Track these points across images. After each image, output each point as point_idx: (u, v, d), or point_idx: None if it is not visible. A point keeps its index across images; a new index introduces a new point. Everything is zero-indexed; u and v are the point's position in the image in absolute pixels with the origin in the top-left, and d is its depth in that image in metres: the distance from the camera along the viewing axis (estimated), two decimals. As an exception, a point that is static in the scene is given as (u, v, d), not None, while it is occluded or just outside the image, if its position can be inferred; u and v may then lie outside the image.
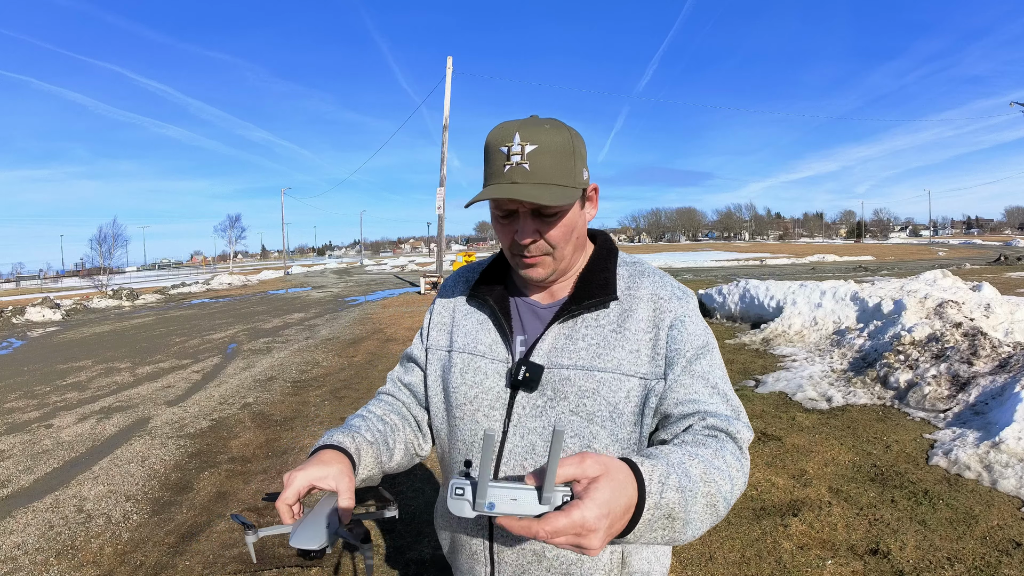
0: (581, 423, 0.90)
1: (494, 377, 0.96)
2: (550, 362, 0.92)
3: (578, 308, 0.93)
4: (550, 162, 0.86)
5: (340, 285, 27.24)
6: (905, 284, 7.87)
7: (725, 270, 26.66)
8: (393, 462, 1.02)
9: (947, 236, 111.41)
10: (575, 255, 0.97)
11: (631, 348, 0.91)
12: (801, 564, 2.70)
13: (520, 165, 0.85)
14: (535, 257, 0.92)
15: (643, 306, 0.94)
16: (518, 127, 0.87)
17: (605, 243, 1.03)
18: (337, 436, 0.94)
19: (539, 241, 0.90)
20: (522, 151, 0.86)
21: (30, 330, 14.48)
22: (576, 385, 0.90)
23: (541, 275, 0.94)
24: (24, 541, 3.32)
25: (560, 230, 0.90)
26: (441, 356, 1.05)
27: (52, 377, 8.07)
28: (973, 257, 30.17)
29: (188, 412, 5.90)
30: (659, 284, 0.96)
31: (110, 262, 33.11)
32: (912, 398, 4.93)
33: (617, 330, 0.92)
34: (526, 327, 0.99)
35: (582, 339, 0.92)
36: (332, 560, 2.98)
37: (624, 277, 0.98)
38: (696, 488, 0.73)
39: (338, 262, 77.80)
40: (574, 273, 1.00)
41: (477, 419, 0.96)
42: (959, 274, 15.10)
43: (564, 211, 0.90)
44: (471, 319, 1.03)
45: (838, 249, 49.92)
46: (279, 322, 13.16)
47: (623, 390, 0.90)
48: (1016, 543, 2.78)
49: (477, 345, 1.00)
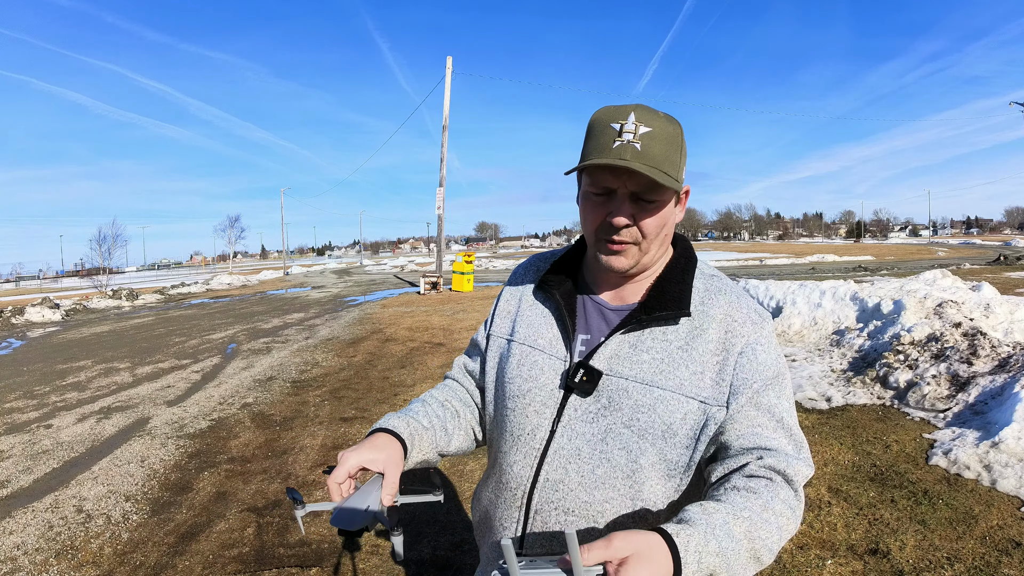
0: (631, 436, 0.88)
1: (550, 374, 0.95)
2: (610, 369, 0.90)
3: (648, 319, 0.90)
4: (661, 148, 0.85)
5: (340, 285, 27.24)
6: (905, 284, 7.88)
7: (725, 270, 26.66)
8: (452, 447, 1.03)
9: (947, 236, 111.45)
10: (659, 252, 0.94)
11: (696, 369, 0.87)
12: (801, 564, 2.70)
13: (631, 144, 0.84)
14: (624, 244, 0.89)
15: (715, 326, 0.90)
16: (633, 108, 0.87)
17: (685, 251, 0.99)
18: (393, 420, 0.96)
19: (632, 227, 0.88)
20: (635, 130, 0.84)
21: (30, 330, 14.47)
22: (633, 398, 0.88)
23: (624, 265, 0.91)
24: (24, 541, 3.32)
25: (656, 220, 0.88)
26: (501, 344, 1.04)
27: (52, 377, 8.07)
28: (973, 257, 30.19)
29: (188, 412, 5.90)
30: (735, 305, 0.92)
31: (110, 262, 33.13)
32: (912, 398, 4.93)
33: (684, 348, 0.89)
34: (591, 327, 0.96)
35: (647, 351, 0.89)
36: (332, 560, 2.98)
37: (700, 291, 0.94)
38: (739, 547, 0.73)
39: (338, 262, 77.80)
40: (650, 276, 0.96)
41: (527, 414, 0.95)
42: (959, 274, 15.11)
43: (663, 202, 0.88)
44: (535, 311, 1.02)
45: (838, 249, 49.96)
46: (279, 322, 13.16)
47: (680, 411, 0.87)
48: (1016, 543, 2.78)
49: (538, 339, 0.98)
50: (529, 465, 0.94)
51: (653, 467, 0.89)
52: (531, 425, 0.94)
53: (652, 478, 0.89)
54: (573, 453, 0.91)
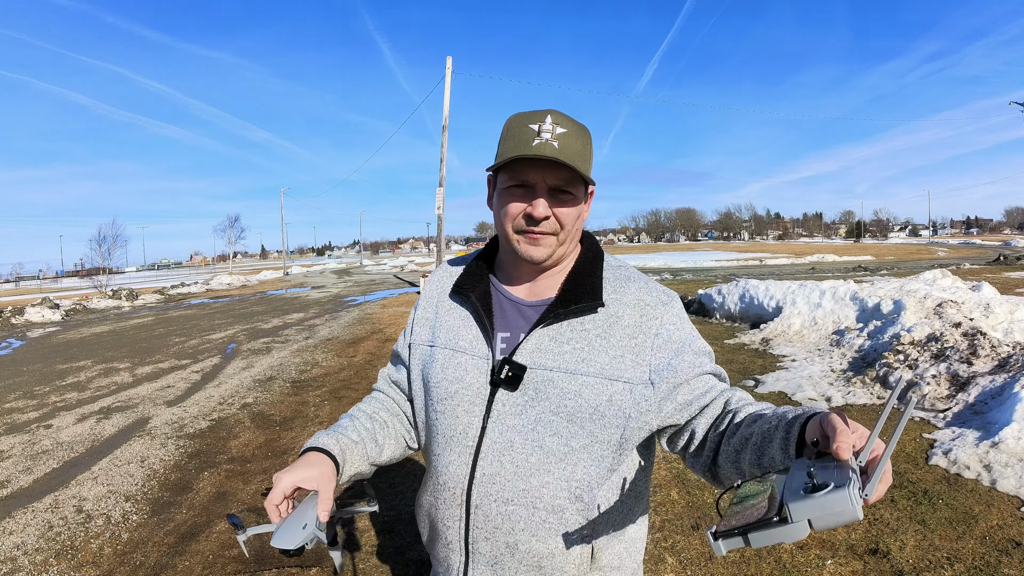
0: (561, 423, 0.93)
1: (475, 373, 0.98)
2: (533, 363, 0.94)
3: (565, 312, 0.95)
4: (576, 147, 0.92)
5: (339, 285, 27.24)
6: (904, 284, 7.88)
7: (725, 270, 26.66)
8: (383, 457, 1.06)
9: (946, 236, 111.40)
10: (571, 246, 1.00)
11: (616, 353, 0.93)
12: (801, 564, 2.70)
13: (550, 142, 0.90)
14: (544, 235, 0.95)
15: (629, 312, 0.96)
16: (548, 112, 0.94)
17: (592, 246, 1.06)
18: (323, 439, 0.99)
19: (551, 219, 0.94)
20: (553, 130, 0.91)
21: (29, 330, 14.47)
22: (559, 387, 0.92)
23: (543, 255, 0.96)
24: (24, 541, 3.32)
25: (572, 212, 0.95)
26: (424, 351, 1.07)
27: (51, 377, 8.07)
28: (972, 257, 30.19)
29: (188, 412, 5.90)
30: (644, 291, 1.00)
31: (109, 262, 33.03)
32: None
33: (603, 335, 0.94)
34: (509, 324, 1.00)
35: (567, 343, 0.94)
36: (332, 561, 2.97)
37: (610, 281, 1.00)
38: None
39: (337, 262, 77.75)
40: (562, 271, 1.02)
41: (457, 414, 0.98)
42: (958, 274, 15.12)
43: (578, 197, 0.96)
44: (453, 315, 1.05)
45: (837, 249, 49.93)
46: (278, 322, 13.16)
47: (606, 394, 0.92)
48: (1016, 543, 2.78)
49: (459, 341, 1.02)
50: (465, 463, 0.97)
51: (585, 449, 0.94)
52: (462, 424, 0.98)
53: (585, 459, 0.94)
54: (506, 446, 0.94)
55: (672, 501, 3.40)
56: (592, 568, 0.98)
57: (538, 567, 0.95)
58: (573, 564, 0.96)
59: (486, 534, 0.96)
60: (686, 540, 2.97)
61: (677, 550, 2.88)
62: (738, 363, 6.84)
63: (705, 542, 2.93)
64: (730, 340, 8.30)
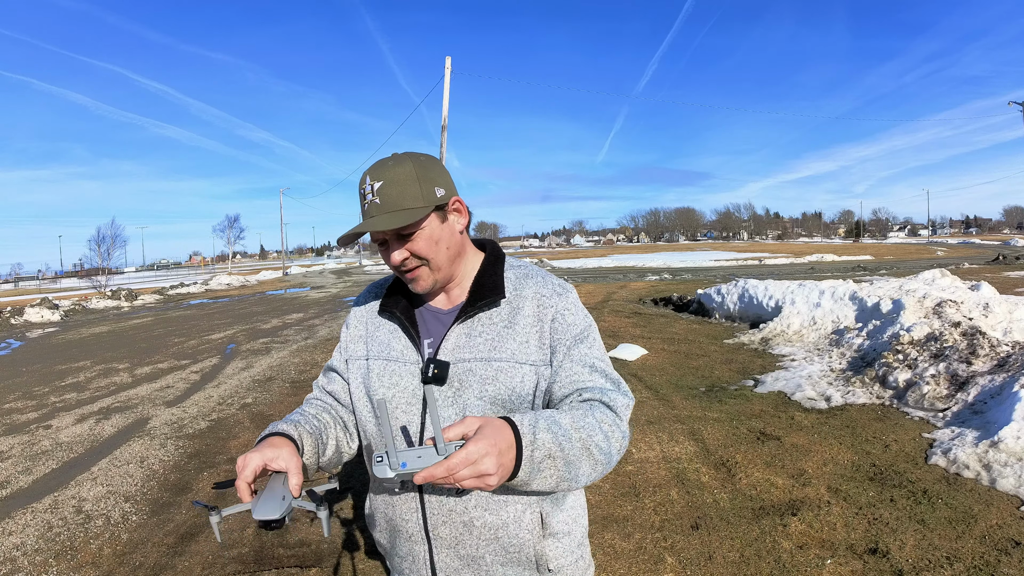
0: (485, 406, 1.03)
1: (408, 378, 1.09)
2: (454, 358, 1.05)
3: (474, 309, 1.07)
4: (396, 191, 1.02)
5: (339, 285, 27.23)
6: (904, 283, 7.88)
7: (724, 270, 26.67)
8: (326, 456, 1.13)
9: (946, 235, 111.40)
10: (455, 264, 1.10)
11: (522, 340, 1.06)
12: (800, 564, 2.70)
13: (372, 201, 1.02)
14: (413, 271, 1.06)
15: (529, 303, 1.08)
16: (369, 170, 1.04)
17: (493, 251, 1.18)
18: (282, 426, 1.05)
19: (409, 257, 1.04)
20: (372, 189, 1.03)
21: (29, 331, 14.46)
22: (478, 374, 1.04)
23: (424, 286, 1.07)
24: (23, 542, 3.32)
25: (423, 243, 1.04)
26: (360, 365, 1.17)
27: (51, 378, 8.06)
28: (972, 256, 30.21)
29: (187, 413, 5.90)
30: (542, 284, 1.11)
31: (109, 263, 32.94)
32: (911, 397, 4.93)
33: (509, 325, 1.07)
34: (431, 331, 1.12)
35: (479, 335, 1.06)
36: (332, 560, 2.98)
37: (512, 279, 1.12)
38: (568, 433, 0.90)
39: (337, 262, 77.70)
40: (468, 277, 1.13)
41: (397, 415, 1.09)
42: (958, 273, 15.12)
43: (424, 229, 1.04)
44: (383, 329, 1.16)
45: (837, 249, 49.97)
46: (278, 322, 13.15)
47: (519, 375, 1.04)
48: (1015, 542, 2.78)
49: (390, 351, 1.13)
50: None
51: None
52: (403, 424, 1.08)
53: None
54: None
55: (672, 501, 3.41)
56: (545, 535, 1.07)
57: (495, 539, 1.05)
58: (527, 531, 1.05)
59: (443, 518, 1.05)
60: (686, 540, 2.97)
61: (677, 550, 2.88)
62: (737, 363, 6.84)
63: (705, 542, 2.93)
64: (729, 340, 8.30)
